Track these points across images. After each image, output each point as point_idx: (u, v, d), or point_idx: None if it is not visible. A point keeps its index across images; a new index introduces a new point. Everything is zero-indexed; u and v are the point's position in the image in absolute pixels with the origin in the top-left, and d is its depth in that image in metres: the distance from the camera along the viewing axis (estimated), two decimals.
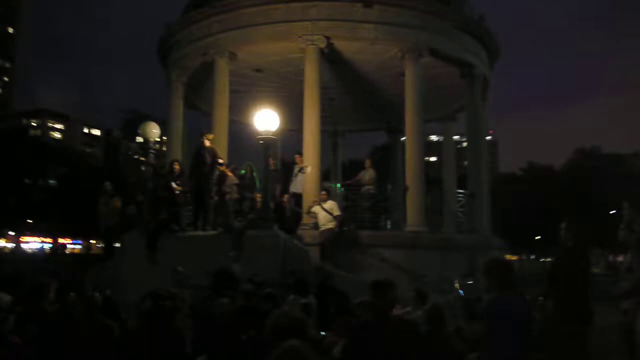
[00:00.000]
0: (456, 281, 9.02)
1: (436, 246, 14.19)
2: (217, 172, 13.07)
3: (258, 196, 12.62)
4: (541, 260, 49.83)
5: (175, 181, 12.89)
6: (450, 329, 5.37)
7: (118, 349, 5.13)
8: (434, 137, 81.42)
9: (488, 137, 23.09)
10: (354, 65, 16.42)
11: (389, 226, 16.14)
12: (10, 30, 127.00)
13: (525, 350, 4.26)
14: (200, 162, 13.21)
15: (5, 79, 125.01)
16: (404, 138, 18.43)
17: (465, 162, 18.44)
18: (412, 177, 15.14)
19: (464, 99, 17.66)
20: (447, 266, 13.15)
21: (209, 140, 13.52)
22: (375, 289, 4.97)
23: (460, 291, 6.60)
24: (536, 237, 48.53)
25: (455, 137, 23.85)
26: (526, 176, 55.41)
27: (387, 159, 23.74)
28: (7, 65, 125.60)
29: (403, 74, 15.53)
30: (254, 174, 12.95)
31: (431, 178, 21.14)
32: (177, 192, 12.84)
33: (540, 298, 6.52)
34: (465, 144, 19.23)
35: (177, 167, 13.26)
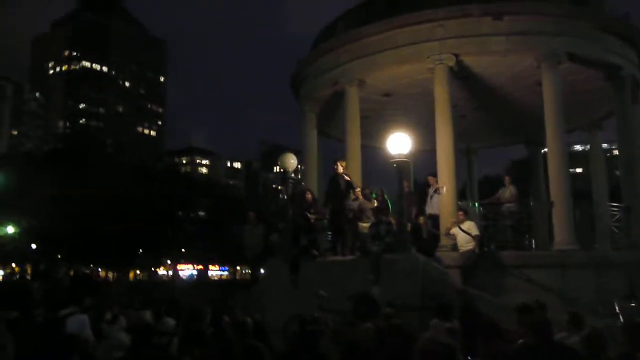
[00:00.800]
0: (616, 303, 8.28)
1: (589, 265, 13.06)
2: (352, 198, 13.34)
3: (393, 219, 12.61)
4: None
5: (308, 209, 13.33)
6: (612, 355, 4.93)
7: None
8: (578, 147, 75.94)
9: None
10: (485, 79, 15.91)
11: (533, 245, 15.22)
12: (161, 78, 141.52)
13: None
14: (335, 188, 13.56)
15: (159, 122, 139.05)
16: (544, 150, 17.38)
17: (617, 172, 16.92)
18: (557, 191, 14.18)
19: (611, 103, 16.30)
20: (601, 287, 12.08)
21: (342, 167, 13.86)
22: (523, 312, 4.73)
23: (621, 314, 6.02)
24: None
25: (604, 146, 22.00)
26: None
27: (527, 174, 22.52)
28: (160, 110, 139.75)
29: (540, 83, 14.72)
30: (385, 196, 13.01)
31: (579, 191, 19.62)
32: (312, 219, 13.26)
33: None
34: (615, 152, 17.67)
35: (309, 196, 13.68)
